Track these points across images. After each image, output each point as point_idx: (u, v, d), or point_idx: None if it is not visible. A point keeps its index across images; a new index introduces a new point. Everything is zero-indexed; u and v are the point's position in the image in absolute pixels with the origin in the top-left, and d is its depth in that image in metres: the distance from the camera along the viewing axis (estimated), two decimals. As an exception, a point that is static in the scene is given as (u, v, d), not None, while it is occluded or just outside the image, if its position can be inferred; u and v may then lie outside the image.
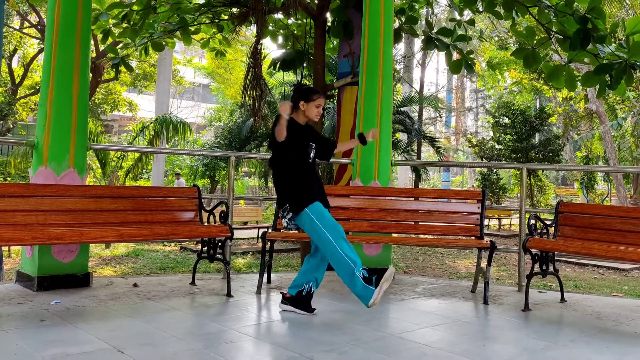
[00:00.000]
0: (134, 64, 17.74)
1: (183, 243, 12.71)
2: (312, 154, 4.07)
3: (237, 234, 4.64)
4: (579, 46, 5.67)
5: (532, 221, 4.65)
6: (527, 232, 4.63)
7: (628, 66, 5.46)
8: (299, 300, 4.04)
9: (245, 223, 15.49)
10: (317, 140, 4.15)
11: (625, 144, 22.39)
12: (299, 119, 4.03)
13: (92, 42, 6.33)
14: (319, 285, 4.15)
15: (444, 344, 3.43)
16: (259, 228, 13.56)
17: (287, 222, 3.99)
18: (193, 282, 4.96)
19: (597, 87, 6.05)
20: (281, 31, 9.23)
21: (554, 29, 6.42)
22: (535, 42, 6.41)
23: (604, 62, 5.70)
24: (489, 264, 4.72)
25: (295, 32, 9.14)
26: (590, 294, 7.60)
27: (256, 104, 7.76)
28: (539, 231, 4.66)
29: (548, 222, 4.77)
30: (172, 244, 13.08)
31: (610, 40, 6.10)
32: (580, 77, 6.30)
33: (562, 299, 4.82)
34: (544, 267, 4.48)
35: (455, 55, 8.05)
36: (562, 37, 6.33)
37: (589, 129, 24.64)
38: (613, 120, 20.24)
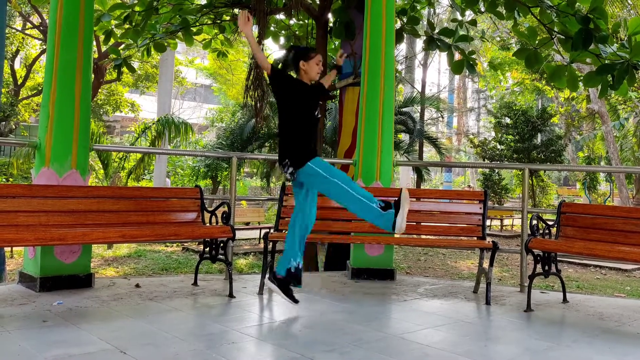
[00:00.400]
0: (136, 64, 17.75)
1: (185, 244, 12.71)
2: (317, 113, 4.11)
3: (238, 234, 4.65)
4: (581, 46, 5.66)
5: (534, 222, 4.64)
6: (529, 232, 4.62)
7: (630, 66, 5.45)
8: (291, 277, 4.08)
9: (247, 224, 15.49)
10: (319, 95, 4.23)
11: (627, 144, 22.35)
12: (303, 79, 4.10)
13: (94, 43, 6.34)
14: (303, 254, 4.20)
15: (446, 344, 3.43)
16: (260, 229, 13.55)
17: (288, 176, 4.03)
18: (195, 283, 4.96)
19: (599, 87, 6.05)
20: (283, 32, 9.24)
21: (555, 29, 6.41)
22: (537, 42, 6.40)
23: (606, 62, 5.70)
24: (491, 264, 4.72)
25: (297, 32, 9.15)
26: (593, 294, 7.60)
27: (258, 105, 7.78)
28: (541, 232, 4.66)
29: (550, 223, 4.76)
30: (174, 245, 13.09)
31: (613, 40, 6.09)
32: (582, 78, 6.29)
33: (565, 300, 4.81)
34: (546, 267, 4.48)
35: (457, 56, 8.05)
36: (564, 37, 6.32)
37: (591, 129, 24.61)
38: (615, 121, 20.21)
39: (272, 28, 9.07)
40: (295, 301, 4.11)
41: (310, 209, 4.14)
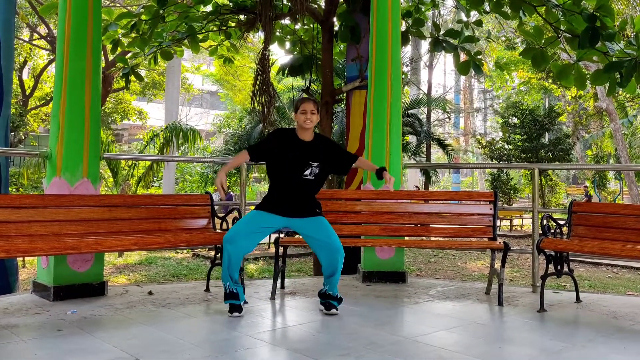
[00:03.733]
0: (143, 72, 17.84)
1: (195, 250, 12.75)
2: (307, 172, 4.05)
3: (248, 240, 4.64)
4: (588, 44, 5.65)
5: (545, 221, 4.63)
6: (541, 232, 4.60)
7: (638, 63, 5.43)
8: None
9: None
10: (328, 156, 4.15)
11: (636, 141, 22.24)
12: (298, 133, 4.11)
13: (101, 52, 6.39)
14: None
15: (460, 346, 3.42)
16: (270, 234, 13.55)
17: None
18: (207, 289, 4.98)
19: (607, 85, 6.03)
20: (288, 37, 9.27)
21: (562, 27, 6.40)
22: (543, 41, 6.39)
23: (614, 59, 5.68)
24: (502, 265, 4.70)
25: (302, 37, 9.17)
26: (605, 293, 7.55)
27: (265, 110, 7.79)
28: (552, 231, 4.64)
29: (561, 222, 4.74)
30: (185, 251, 13.13)
31: (620, 37, 6.07)
32: (589, 76, 6.27)
33: (578, 299, 4.79)
34: (559, 267, 4.46)
35: (463, 57, 8.05)
36: (570, 35, 6.31)
37: (599, 127, 24.49)
38: (623, 118, 20.12)
39: (277, 33, 9.10)
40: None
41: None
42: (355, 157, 4.39)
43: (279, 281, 4.90)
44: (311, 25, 8.87)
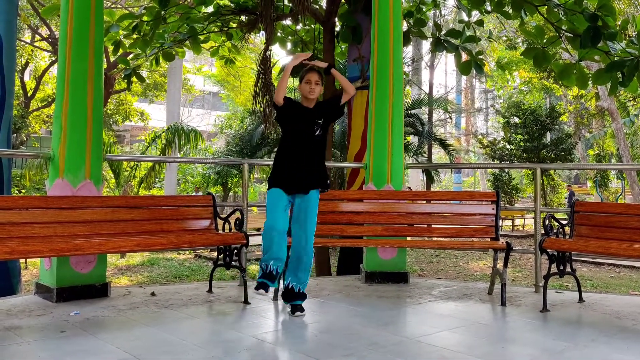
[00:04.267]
0: (144, 74, 17.87)
1: (197, 251, 12.76)
2: (318, 131, 4.15)
3: (250, 240, 4.67)
4: (590, 44, 5.65)
5: (548, 221, 4.62)
6: (543, 232, 4.60)
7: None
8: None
9: (258, 229, 15.50)
10: (325, 111, 4.25)
11: (638, 140, 22.22)
12: (303, 102, 4.23)
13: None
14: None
15: (463, 347, 3.42)
16: (272, 234, 13.56)
17: None
18: (210, 290, 4.98)
19: (609, 84, 6.02)
20: (290, 37, 9.28)
21: (563, 27, 6.40)
22: (544, 41, 6.39)
23: (616, 59, 5.68)
24: (505, 265, 4.70)
25: (304, 38, 9.18)
26: (608, 293, 7.54)
27: (267, 111, 7.81)
28: (554, 231, 4.63)
29: (563, 222, 4.74)
30: (187, 252, 13.14)
31: (621, 37, 6.07)
32: (591, 75, 6.27)
33: (580, 299, 4.78)
34: (561, 267, 4.46)
35: (464, 57, 8.05)
36: (572, 35, 6.31)
37: (601, 127, 24.46)
38: (625, 118, 20.09)
39: (279, 34, 9.11)
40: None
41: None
42: (340, 95, 4.43)
43: (281, 282, 4.90)
44: (312, 26, 8.88)
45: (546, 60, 6.48)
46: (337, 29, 8.12)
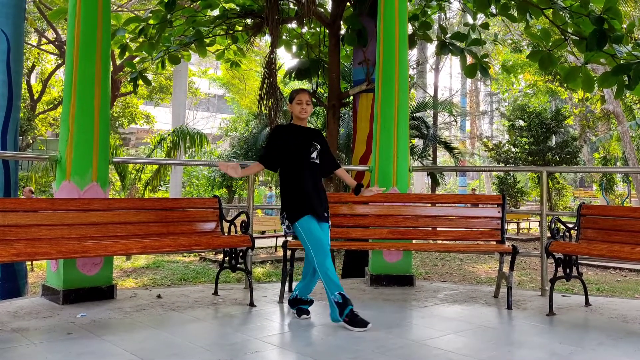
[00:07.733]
0: (150, 77, 17.94)
1: (202, 253, 12.78)
2: (314, 154, 4.11)
3: (255, 243, 4.67)
4: (596, 47, 5.64)
5: (554, 224, 4.61)
6: (549, 235, 4.59)
7: (646, 66, 5.42)
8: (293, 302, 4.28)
9: (263, 232, 15.53)
10: (322, 147, 4.20)
11: (644, 144, 22.10)
12: (295, 122, 4.20)
13: (110, 57, 6.44)
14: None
15: (469, 350, 3.42)
16: (277, 237, 13.58)
17: (285, 229, 4.13)
18: (216, 293, 4.99)
19: (615, 87, 6.01)
20: (295, 40, 9.31)
21: (569, 30, 6.39)
22: (550, 44, 6.38)
23: (622, 62, 5.67)
24: (511, 268, 4.69)
25: (309, 41, 9.20)
26: (614, 296, 7.50)
27: (272, 114, 7.82)
28: (561, 234, 4.62)
29: (570, 225, 4.72)
30: (192, 255, 13.16)
31: (627, 40, 6.06)
32: (597, 78, 6.26)
33: (587, 303, 4.76)
34: (568, 270, 4.44)
35: (470, 59, 8.05)
36: (578, 38, 6.30)
37: (607, 130, 24.38)
38: (631, 121, 20.02)
39: (284, 37, 9.14)
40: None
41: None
42: (339, 166, 4.38)
43: (287, 284, 4.91)
44: (318, 29, 8.90)
45: (552, 63, 6.47)
46: (343, 32, 8.13)
